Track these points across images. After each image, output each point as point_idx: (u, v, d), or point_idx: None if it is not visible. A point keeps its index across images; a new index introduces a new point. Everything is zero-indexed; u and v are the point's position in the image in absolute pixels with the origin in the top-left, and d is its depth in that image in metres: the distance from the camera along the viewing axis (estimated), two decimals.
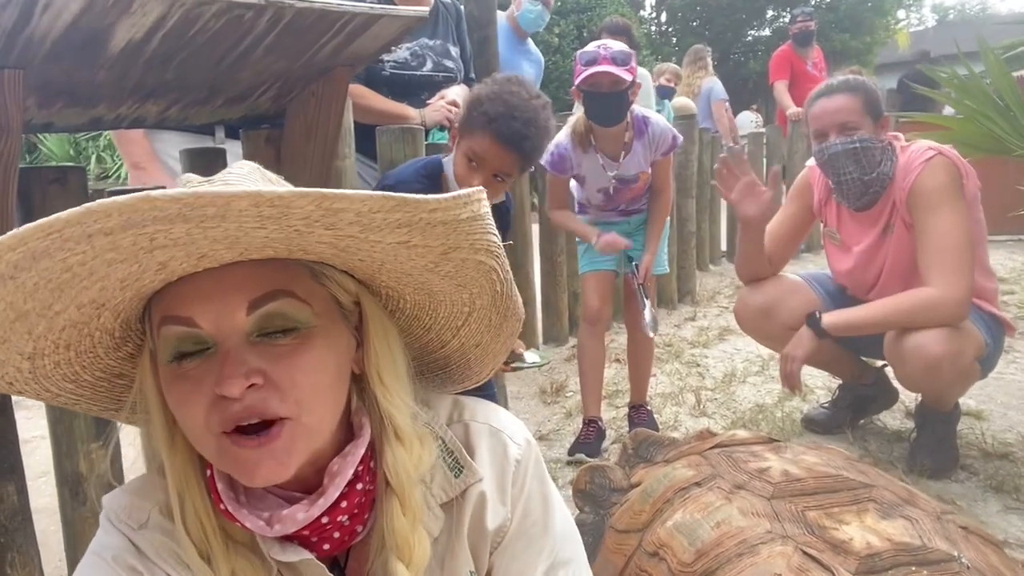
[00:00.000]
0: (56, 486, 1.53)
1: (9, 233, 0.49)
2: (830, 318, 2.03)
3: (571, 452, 2.33)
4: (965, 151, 2.61)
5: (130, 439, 1.71)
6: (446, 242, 0.63)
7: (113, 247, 0.53)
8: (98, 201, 0.49)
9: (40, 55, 1.15)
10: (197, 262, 0.59)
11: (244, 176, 0.69)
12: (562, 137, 2.32)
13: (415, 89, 2.47)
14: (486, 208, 0.63)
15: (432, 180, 1.78)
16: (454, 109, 2.40)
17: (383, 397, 0.71)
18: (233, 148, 1.85)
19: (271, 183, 0.71)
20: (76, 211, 0.49)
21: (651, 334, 2.40)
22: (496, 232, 0.66)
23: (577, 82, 2.19)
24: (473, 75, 2.75)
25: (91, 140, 9.11)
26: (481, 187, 0.63)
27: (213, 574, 0.67)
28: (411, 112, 2.38)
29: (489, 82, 1.70)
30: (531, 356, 2.21)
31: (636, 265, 2.38)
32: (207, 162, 1.71)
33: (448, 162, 1.76)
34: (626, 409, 2.61)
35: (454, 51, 2.59)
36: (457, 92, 2.50)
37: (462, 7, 2.74)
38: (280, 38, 1.33)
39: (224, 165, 1.74)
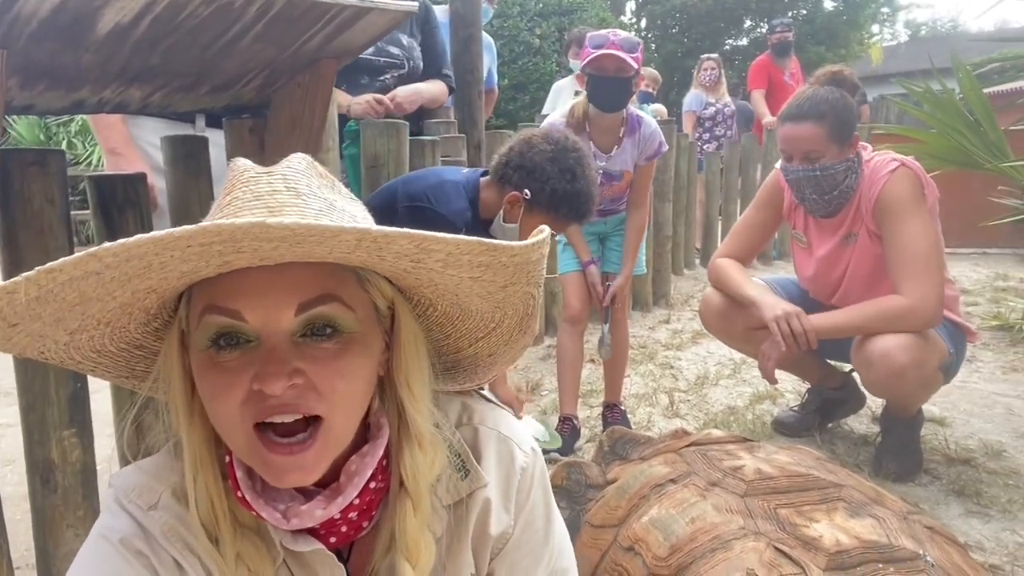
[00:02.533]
0: (27, 474, 1.51)
1: (121, 240, 0.50)
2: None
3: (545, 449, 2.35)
4: (936, 164, 2.69)
5: (108, 431, 1.69)
6: (510, 279, 0.67)
7: (201, 254, 0.54)
8: (216, 223, 0.50)
9: (25, 35, 1.14)
10: (258, 261, 0.60)
11: (301, 173, 0.69)
12: (556, 118, 2.36)
13: (354, 72, 2.44)
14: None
15: (474, 207, 1.81)
16: (380, 108, 2.38)
17: (409, 403, 0.71)
18: (215, 137, 1.83)
19: (323, 179, 0.72)
20: (192, 230, 0.50)
21: (599, 355, 2.51)
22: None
23: (583, 64, 2.23)
24: (448, 71, 2.72)
25: (62, 125, 8.93)
26: (550, 231, 0.67)
27: (220, 557, 0.68)
28: (341, 99, 2.35)
29: (548, 149, 1.73)
30: (538, 432, 2.24)
31: (609, 285, 2.45)
32: (189, 150, 1.70)
33: (486, 187, 1.83)
34: (600, 408, 2.63)
35: (405, 40, 2.57)
36: (406, 92, 2.48)
37: (428, 3, 2.73)
38: (268, 28, 1.33)
39: (207, 153, 1.72)
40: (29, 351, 0.64)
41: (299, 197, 0.65)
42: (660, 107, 6.31)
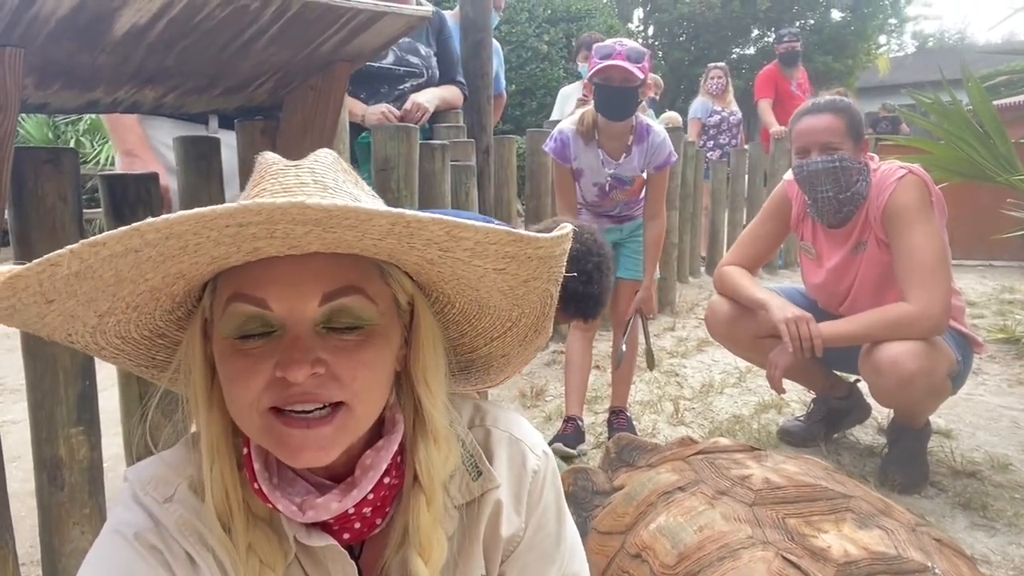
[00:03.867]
0: (34, 471, 1.51)
1: (164, 216, 0.50)
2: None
3: (549, 443, 2.35)
4: (944, 176, 2.68)
5: (115, 429, 1.69)
6: (533, 273, 0.67)
7: (235, 236, 0.54)
8: (256, 201, 0.51)
9: (43, 35, 1.14)
10: (286, 249, 0.60)
11: (328, 167, 0.70)
12: (566, 125, 2.38)
13: (374, 81, 2.48)
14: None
15: None
16: (394, 120, 2.42)
17: (426, 398, 0.72)
18: (227, 138, 1.84)
19: (348, 175, 0.72)
20: (233, 208, 0.51)
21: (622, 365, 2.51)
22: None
23: (590, 74, 2.25)
24: (461, 78, 2.78)
25: (70, 124, 8.95)
26: (572, 227, 0.67)
27: (232, 546, 0.68)
28: (355, 108, 2.39)
29: (572, 248, 1.76)
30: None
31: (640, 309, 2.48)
32: (201, 151, 1.71)
33: None
34: (605, 415, 2.63)
35: (423, 50, 2.63)
36: (426, 95, 2.54)
37: (443, 14, 2.77)
38: (284, 30, 1.34)
39: (218, 155, 1.73)
40: (58, 333, 0.65)
41: (326, 190, 0.66)
42: (674, 115, 6.33)
